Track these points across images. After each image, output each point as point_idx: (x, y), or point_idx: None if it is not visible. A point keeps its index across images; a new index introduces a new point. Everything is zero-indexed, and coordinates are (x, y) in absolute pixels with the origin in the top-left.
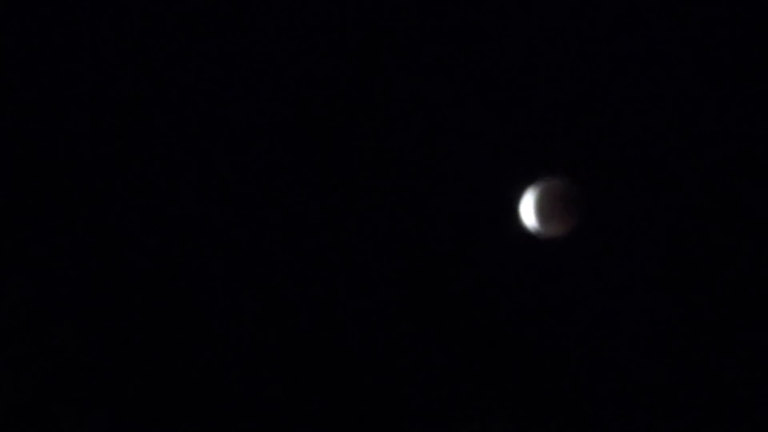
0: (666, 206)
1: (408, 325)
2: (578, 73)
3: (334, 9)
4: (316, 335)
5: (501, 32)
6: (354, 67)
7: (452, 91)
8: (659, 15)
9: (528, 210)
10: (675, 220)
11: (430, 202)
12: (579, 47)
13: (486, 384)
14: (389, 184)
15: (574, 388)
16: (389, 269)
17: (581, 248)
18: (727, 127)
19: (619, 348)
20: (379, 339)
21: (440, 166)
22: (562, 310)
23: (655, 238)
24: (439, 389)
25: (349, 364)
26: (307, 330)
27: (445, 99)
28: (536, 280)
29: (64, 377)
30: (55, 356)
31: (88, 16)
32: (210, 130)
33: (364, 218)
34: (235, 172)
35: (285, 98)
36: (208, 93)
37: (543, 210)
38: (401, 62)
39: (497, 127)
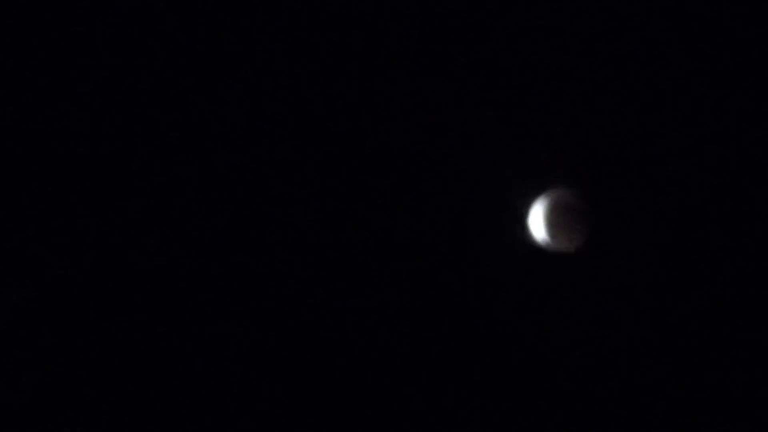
0: (685, 220)
1: (411, 340)
2: (592, 79)
3: (335, 8)
4: (318, 340)
5: (508, 34)
6: (357, 70)
7: (458, 96)
8: (680, 21)
9: (537, 222)
10: (694, 234)
11: (433, 213)
12: (593, 52)
13: (491, 399)
14: (391, 196)
15: (585, 407)
16: (391, 284)
17: (592, 262)
18: (750, 136)
19: (630, 364)
20: (381, 352)
21: (444, 175)
22: (572, 325)
23: (672, 253)
24: (444, 403)
25: (354, 375)
26: (312, 334)
27: (450, 103)
28: (545, 295)
29: (62, 378)
30: (52, 357)
31: (84, 15)
32: (209, 129)
33: (366, 229)
34: (234, 172)
35: (285, 98)
36: (207, 92)
37: (553, 222)
38: (405, 66)
39: (505, 133)
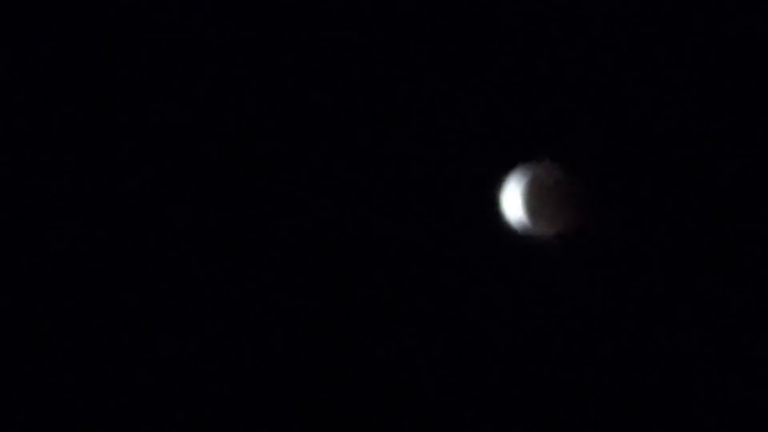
0: (680, 200)
1: (381, 336)
2: (573, 38)
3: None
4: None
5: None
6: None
7: (423, 62)
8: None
9: (513, 203)
10: (690, 216)
11: (399, 195)
12: (567, 18)
13: (469, 393)
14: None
15: (567, 400)
16: (356, 279)
17: (577, 249)
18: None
19: (622, 366)
20: (355, 344)
21: (409, 150)
22: (554, 320)
23: (667, 238)
24: (429, 400)
25: (339, 370)
26: (286, 333)
27: (415, 71)
28: (523, 288)
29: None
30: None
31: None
32: (209, 128)
33: (333, 216)
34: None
35: (273, 98)
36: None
37: (531, 203)
38: (372, 44)
39: (476, 102)
